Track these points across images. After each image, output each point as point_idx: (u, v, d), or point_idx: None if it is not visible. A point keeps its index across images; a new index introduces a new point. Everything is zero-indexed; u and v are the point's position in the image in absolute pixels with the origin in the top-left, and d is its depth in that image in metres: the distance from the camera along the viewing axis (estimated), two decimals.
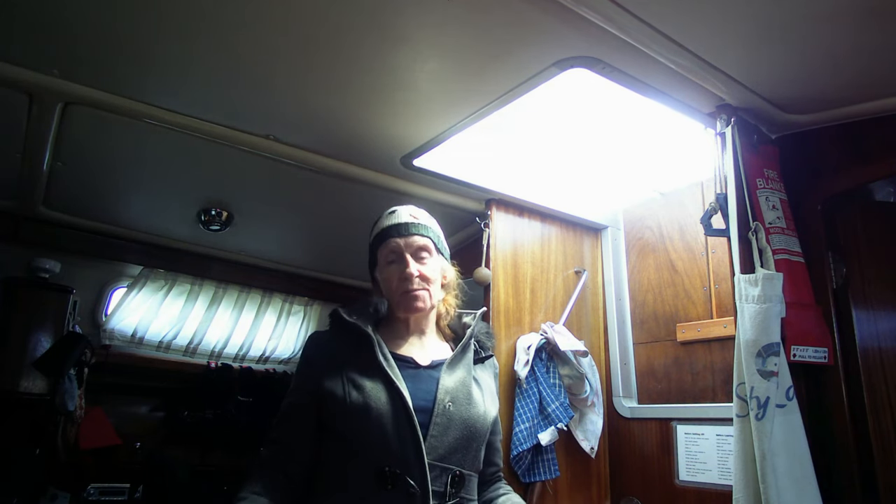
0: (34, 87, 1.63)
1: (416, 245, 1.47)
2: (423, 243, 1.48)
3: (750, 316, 1.46)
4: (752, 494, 1.39)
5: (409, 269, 1.43)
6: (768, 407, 1.39)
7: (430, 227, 1.53)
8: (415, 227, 1.49)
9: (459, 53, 1.45)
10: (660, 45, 1.37)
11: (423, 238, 1.49)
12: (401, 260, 1.46)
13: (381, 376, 1.35)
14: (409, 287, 1.43)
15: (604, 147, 1.97)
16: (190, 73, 1.59)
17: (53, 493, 2.50)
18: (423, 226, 1.51)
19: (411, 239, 1.47)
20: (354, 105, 1.71)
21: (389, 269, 1.47)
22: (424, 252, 1.48)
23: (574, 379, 2.09)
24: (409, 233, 1.48)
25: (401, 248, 1.46)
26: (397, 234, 1.47)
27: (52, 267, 2.60)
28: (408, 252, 1.45)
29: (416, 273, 1.44)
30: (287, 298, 3.32)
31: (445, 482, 1.31)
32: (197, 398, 3.00)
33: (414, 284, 1.43)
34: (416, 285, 1.44)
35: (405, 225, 1.49)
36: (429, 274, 1.46)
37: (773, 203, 1.63)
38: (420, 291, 1.44)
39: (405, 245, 1.46)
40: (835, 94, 1.59)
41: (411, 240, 1.47)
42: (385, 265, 1.48)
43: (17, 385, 2.40)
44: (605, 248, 2.41)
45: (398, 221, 1.50)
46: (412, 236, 1.47)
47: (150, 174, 2.19)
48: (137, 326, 2.92)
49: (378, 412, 1.30)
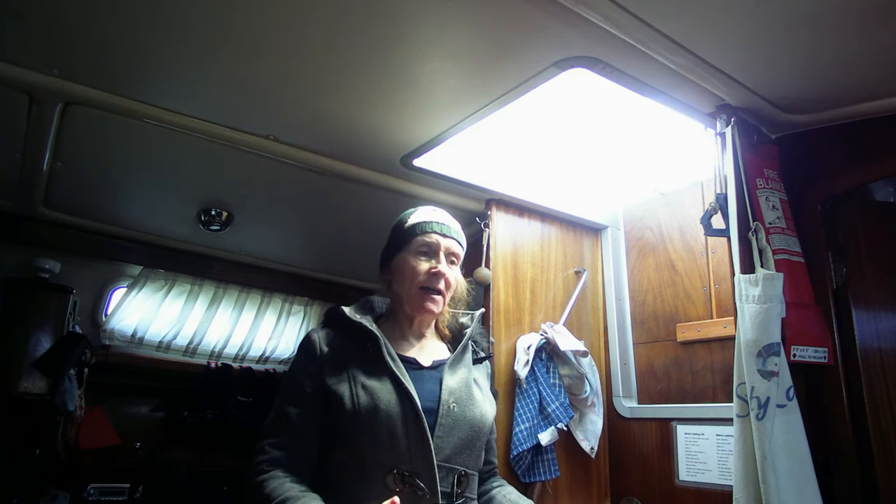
0: (34, 87, 1.63)
1: (452, 250, 1.50)
2: (458, 251, 1.52)
3: (750, 316, 1.46)
4: (753, 494, 1.39)
5: (441, 268, 1.45)
6: (768, 407, 1.39)
7: (464, 239, 1.56)
8: (456, 234, 1.52)
9: (459, 53, 1.45)
10: (660, 45, 1.37)
11: (458, 246, 1.52)
12: (435, 256, 1.47)
13: (390, 377, 1.35)
14: (435, 285, 1.44)
15: (604, 147, 1.97)
16: (190, 74, 1.59)
17: (53, 493, 2.49)
18: (461, 236, 1.55)
19: (450, 242, 1.50)
20: (354, 105, 1.71)
21: (419, 260, 1.47)
22: (455, 259, 1.51)
23: (574, 379, 2.09)
24: (450, 235, 1.50)
25: (439, 245, 1.48)
26: (440, 232, 1.49)
27: (52, 267, 2.59)
28: (443, 253, 1.48)
29: (445, 274, 1.45)
30: (287, 298, 3.32)
31: (452, 482, 1.31)
32: (197, 398, 2.99)
33: (440, 284, 1.45)
34: (441, 286, 1.45)
35: (447, 226, 1.51)
36: (452, 282, 1.49)
37: (773, 203, 1.63)
38: (438, 296, 1.46)
39: (444, 245, 1.48)
40: (835, 94, 1.58)
41: (449, 243, 1.50)
42: (415, 254, 1.48)
43: (16, 385, 2.39)
44: (605, 248, 2.41)
45: (441, 221, 1.52)
46: (451, 239, 1.50)
47: (150, 174, 2.19)
48: (137, 326, 2.92)
49: (387, 413, 1.29)
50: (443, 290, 1.46)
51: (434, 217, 1.52)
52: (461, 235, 1.55)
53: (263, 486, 1.26)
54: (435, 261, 1.46)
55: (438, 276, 1.44)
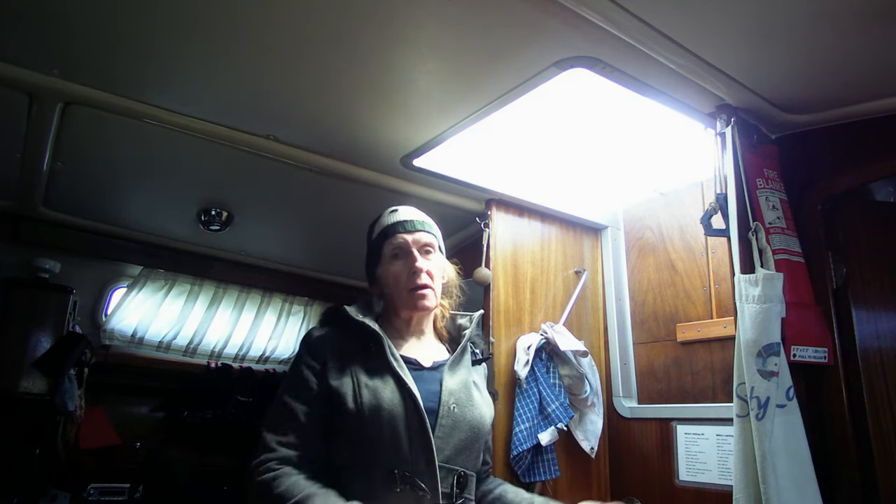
0: (34, 87, 1.63)
1: (423, 241, 1.49)
2: (429, 240, 1.50)
3: (750, 316, 1.46)
4: (753, 494, 1.39)
5: (418, 263, 1.44)
6: (768, 407, 1.39)
7: (433, 225, 1.55)
8: (420, 224, 1.51)
9: (459, 53, 1.45)
10: (660, 45, 1.37)
11: (428, 235, 1.50)
12: (407, 255, 1.46)
13: (393, 376, 1.35)
14: (419, 282, 1.43)
15: (604, 147, 1.96)
16: (190, 74, 1.59)
17: (53, 493, 2.49)
18: (427, 223, 1.53)
19: (418, 235, 1.48)
20: (354, 105, 1.71)
21: (395, 264, 1.47)
22: (430, 249, 1.50)
23: (574, 379, 2.09)
24: (415, 229, 1.49)
25: (408, 243, 1.47)
26: (404, 230, 1.48)
27: (52, 267, 2.59)
28: (415, 248, 1.47)
29: (424, 268, 1.44)
30: (287, 298, 3.32)
31: (452, 483, 1.31)
32: (197, 398, 2.99)
33: (423, 279, 1.44)
34: (425, 280, 1.44)
35: (411, 222, 1.50)
36: (434, 271, 1.48)
37: (773, 203, 1.63)
38: (427, 290, 1.45)
39: (412, 241, 1.47)
40: (835, 94, 1.58)
41: (418, 236, 1.48)
42: (390, 260, 1.48)
43: (17, 385, 2.39)
44: (605, 248, 2.41)
45: (404, 218, 1.51)
46: (418, 232, 1.49)
47: (150, 174, 2.19)
48: (137, 326, 2.92)
49: (391, 414, 1.29)
50: (429, 283, 1.45)
51: (395, 218, 1.51)
52: (428, 224, 1.53)
53: (276, 485, 1.22)
54: (410, 259, 1.45)
55: (419, 273, 1.44)
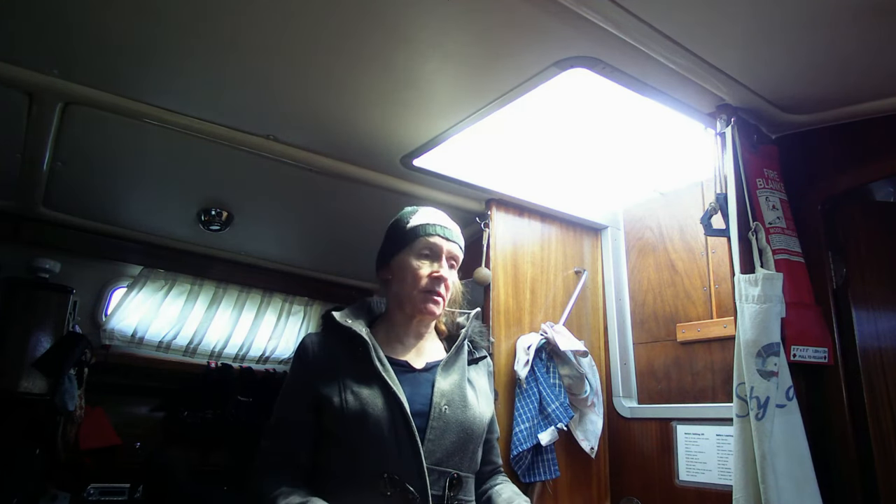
0: (34, 87, 1.63)
1: (453, 254, 1.50)
2: (459, 255, 1.52)
3: (750, 316, 1.46)
4: (752, 494, 1.39)
5: (444, 273, 1.45)
6: (768, 407, 1.39)
7: (463, 242, 1.56)
8: (456, 237, 1.52)
9: (459, 53, 1.45)
10: (660, 45, 1.37)
11: (459, 251, 1.52)
12: (437, 259, 1.47)
13: (379, 382, 1.35)
14: (436, 288, 1.44)
15: (604, 147, 1.97)
16: (190, 74, 1.59)
17: (53, 493, 2.50)
18: (461, 238, 1.54)
19: (452, 245, 1.49)
20: (354, 105, 1.71)
21: (421, 261, 1.46)
22: (455, 263, 1.51)
23: (574, 379, 2.09)
24: (452, 239, 1.50)
25: (442, 248, 1.47)
26: (443, 235, 1.48)
27: (52, 267, 2.60)
28: (445, 256, 1.48)
29: (447, 279, 1.45)
30: (287, 298, 3.32)
31: (444, 486, 1.31)
32: (197, 398, 2.99)
33: (440, 288, 1.45)
34: (442, 290, 1.45)
35: (450, 230, 1.51)
36: (451, 285, 1.49)
37: (773, 203, 1.63)
38: (440, 297, 1.46)
39: (446, 248, 1.48)
40: (835, 94, 1.58)
41: (451, 246, 1.49)
42: (418, 256, 1.47)
43: (16, 385, 2.40)
44: (605, 248, 2.41)
45: (444, 224, 1.51)
46: (453, 243, 1.50)
47: (150, 174, 2.19)
48: (137, 326, 2.92)
49: (376, 419, 1.30)
50: (444, 293, 1.46)
51: (437, 220, 1.52)
52: (461, 239, 1.55)
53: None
54: (437, 264, 1.46)
55: (440, 280, 1.44)
